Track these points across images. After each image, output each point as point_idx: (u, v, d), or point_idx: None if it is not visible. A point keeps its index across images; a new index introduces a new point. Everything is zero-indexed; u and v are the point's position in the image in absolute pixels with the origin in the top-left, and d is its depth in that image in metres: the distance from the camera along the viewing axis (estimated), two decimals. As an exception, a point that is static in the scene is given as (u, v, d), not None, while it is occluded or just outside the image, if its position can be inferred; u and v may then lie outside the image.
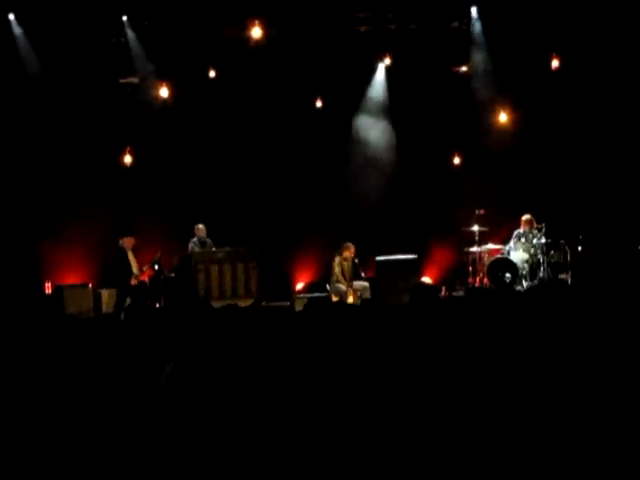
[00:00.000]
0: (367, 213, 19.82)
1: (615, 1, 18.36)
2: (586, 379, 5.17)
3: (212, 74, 19.17)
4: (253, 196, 19.61)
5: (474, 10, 19.59)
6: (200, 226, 18.42)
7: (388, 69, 20.14)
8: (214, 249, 18.24)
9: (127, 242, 17.53)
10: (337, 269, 17.94)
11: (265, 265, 18.44)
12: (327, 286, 18.06)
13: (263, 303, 17.23)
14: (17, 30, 18.23)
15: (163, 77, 18.86)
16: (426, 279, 19.07)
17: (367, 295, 17.58)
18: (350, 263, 17.95)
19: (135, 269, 17.37)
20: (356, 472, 4.75)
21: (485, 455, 4.75)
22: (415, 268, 18.40)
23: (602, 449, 4.67)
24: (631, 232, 18.38)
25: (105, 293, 17.80)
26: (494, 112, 19.71)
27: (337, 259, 17.98)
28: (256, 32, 18.53)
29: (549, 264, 17.72)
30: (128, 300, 16.82)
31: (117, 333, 6.97)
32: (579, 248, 17.96)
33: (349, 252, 17.92)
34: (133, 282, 17.22)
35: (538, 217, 18.01)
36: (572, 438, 4.75)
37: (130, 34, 18.84)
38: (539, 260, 17.82)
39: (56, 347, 6.52)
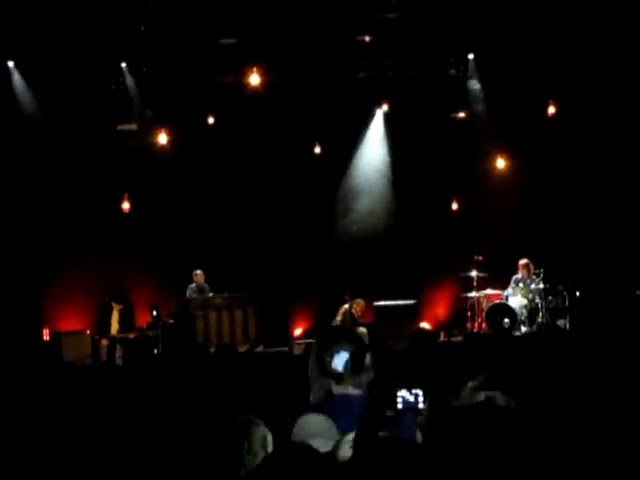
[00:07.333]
0: (365, 258, 19.81)
1: (612, 49, 18.45)
2: (583, 426, 5.15)
3: (210, 120, 19.27)
4: (251, 242, 19.59)
5: (471, 57, 19.73)
6: (198, 272, 18.41)
7: (386, 115, 20.26)
8: (211, 294, 18.20)
9: (116, 307, 17.32)
10: (339, 318, 18.07)
11: (263, 311, 18.42)
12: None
13: (261, 348, 17.21)
14: (16, 77, 18.29)
15: (161, 124, 18.91)
16: (425, 324, 19.06)
17: (365, 341, 17.58)
18: (355, 317, 18.04)
19: (114, 330, 17.19)
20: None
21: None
22: (414, 313, 18.45)
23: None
24: (630, 277, 18.35)
25: (104, 340, 17.70)
26: (492, 158, 19.81)
27: (344, 308, 18.12)
28: (254, 79, 18.64)
29: (547, 309, 17.68)
30: (118, 349, 16.69)
31: (115, 381, 6.94)
32: (577, 293, 17.93)
33: (359, 308, 18.14)
34: (104, 342, 17.06)
35: (536, 262, 18.01)
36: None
37: (129, 80, 18.91)
38: (538, 305, 17.76)
39: (53, 395, 6.49)
